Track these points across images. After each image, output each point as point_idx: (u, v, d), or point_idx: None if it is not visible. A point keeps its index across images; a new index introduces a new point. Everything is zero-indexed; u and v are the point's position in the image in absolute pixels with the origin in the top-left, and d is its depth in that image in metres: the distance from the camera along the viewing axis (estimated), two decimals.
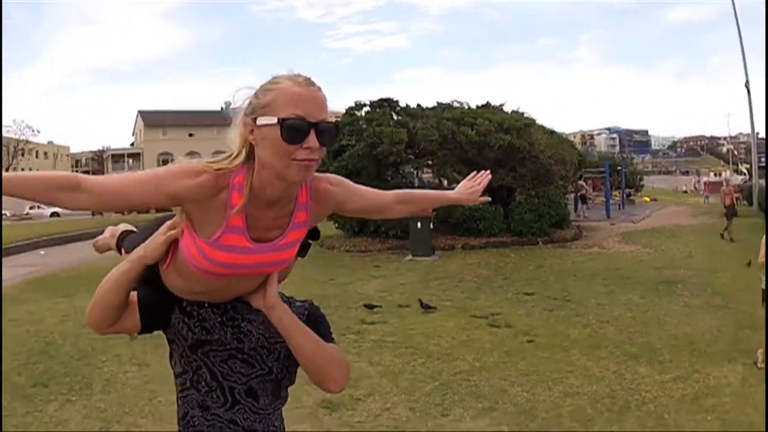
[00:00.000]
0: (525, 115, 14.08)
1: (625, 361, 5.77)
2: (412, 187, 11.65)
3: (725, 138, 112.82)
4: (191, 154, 39.51)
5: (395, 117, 14.06)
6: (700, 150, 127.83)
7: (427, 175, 17.10)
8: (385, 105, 14.62)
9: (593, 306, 7.99)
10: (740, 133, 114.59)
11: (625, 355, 5.95)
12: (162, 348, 1.51)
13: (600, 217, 20.34)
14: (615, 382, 5.28)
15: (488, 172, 1.73)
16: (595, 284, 9.49)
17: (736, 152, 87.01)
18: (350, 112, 14.97)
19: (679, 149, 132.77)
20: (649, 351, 6.04)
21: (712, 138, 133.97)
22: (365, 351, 5.84)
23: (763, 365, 5.24)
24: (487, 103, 14.61)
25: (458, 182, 1.95)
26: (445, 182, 14.08)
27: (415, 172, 16.06)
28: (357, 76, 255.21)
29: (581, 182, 21.85)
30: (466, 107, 14.46)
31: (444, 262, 11.25)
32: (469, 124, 12.83)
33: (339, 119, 16.01)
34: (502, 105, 14.57)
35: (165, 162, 3.39)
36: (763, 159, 23.27)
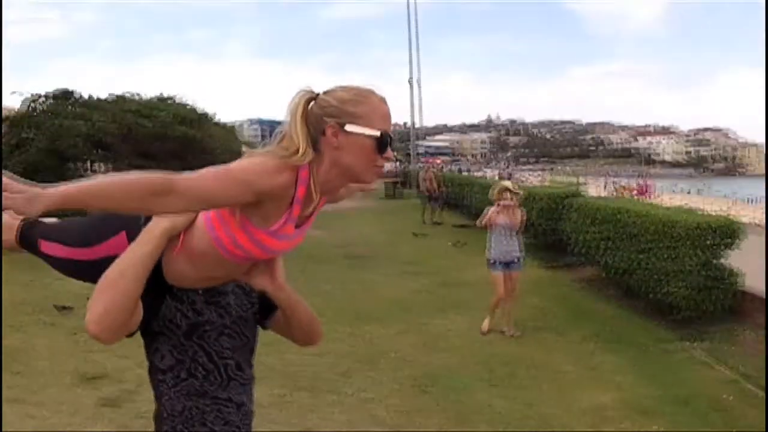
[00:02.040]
0: (197, 108, 17.98)
1: (351, 324, 7.53)
2: None
3: None
4: None
5: (75, 109, 16.13)
6: None
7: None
8: (63, 97, 16.47)
9: (291, 281, 9.58)
10: (396, 123, 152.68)
11: (347, 318, 7.75)
12: None
13: None
14: (352, 340, 7.01)
15: None
16: (286, 262, 11.22)
17: None
18: (27, 104, 16.33)
19: None
20: (368, 313, 8.04)
21: None
22: (107, 347, 6.18)
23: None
24: (162, 95, 18.13)
25: None
26: None
27: (96, 166, 18.28)
28: (11, 66, 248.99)
29: None
30: (142, 99, 17.45)
31: None
32: (147, 116, 15.55)
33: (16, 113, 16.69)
34: (172, 97, 18.09)
35: None
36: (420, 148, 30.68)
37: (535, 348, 7.04)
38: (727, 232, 7.65)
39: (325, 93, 1.60)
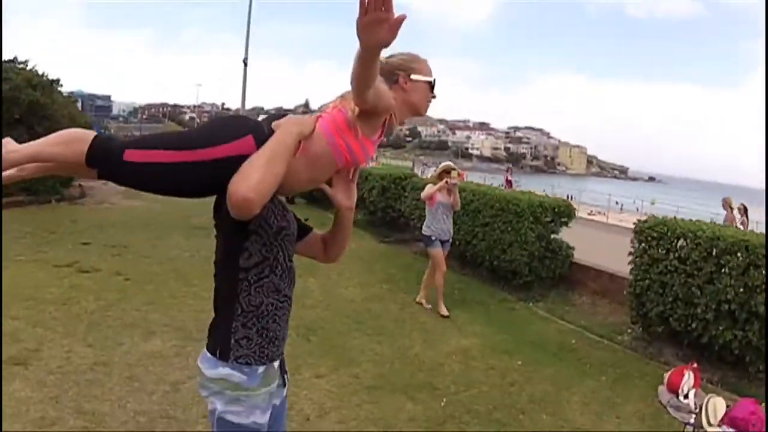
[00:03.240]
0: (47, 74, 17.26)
1: None
2: None
3: (189, 106, 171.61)
4: None
5: None
6: (162, 116, 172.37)
7: None
8: None
9: (150, 249, 10.27)
10: (204, 103, 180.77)
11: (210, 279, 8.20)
12: None
13: None
14: None
15: None
16: (136, 232, 11.96)
17: (199, 119, 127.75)
18: None
19: (140, 115, 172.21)
20: None
21: (175, 105, 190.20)
22: None
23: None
24: (15, 58, 17.20)
25: None
26: None
27: None
28: None
29: None
30: None
31: None
32: (3, 79, 14.92)
33: None
34: (25, 61, 17.25)
35: None
36: None
37: (394, 305, 8.10)
38: (564, 212, 9.24)
39: (388, 58, 2.31)
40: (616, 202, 39.48)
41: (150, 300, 7.22)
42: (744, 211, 15.31)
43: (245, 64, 27.58)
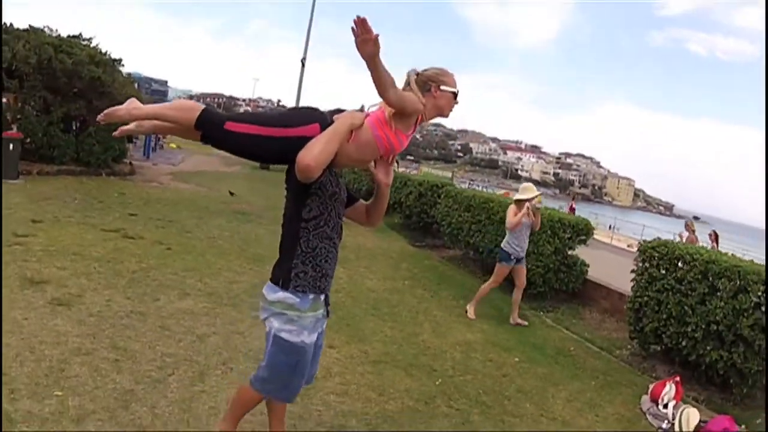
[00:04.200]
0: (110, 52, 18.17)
1: (254, 262, 8.57)
2: None
3: (244, 99, 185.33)
4: None
5: None
6: (217, 107, 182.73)
7: None
8: None
9: (193, 226, 11.00)
10: (260, 98, 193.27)
11: (249, 258, 8.87)
12: None
13: (140, 158, 25.52)
14: (254, 273, 7.97)
15: None
16: (181, 210, 12.79)
17: None
18: None
19: None
20: (262, 257, 8.96)
21: (231, 97, 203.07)
22: (41, 258, 7.13)
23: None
24: (80, 34, 18.19)
25: (46, 110, 3.05)
26: (31, 110, 15.83)
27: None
28: None
29: None
30: (60, 35, 17.44)
31: (34, 186, 12.88)
32: (66, 52, 15.90)
33: None
34: (90, 38, 18.30)
35: None
36: None
37: (411, 298, 8.61)
38: (582, 230, 9.64)
39: (424, 71, 2.97)
40: (658, 238, 39.23)
41: (188, 267, 7.83)
42: (715, 237, 17.42)
43: (303, 64, 28.55)
